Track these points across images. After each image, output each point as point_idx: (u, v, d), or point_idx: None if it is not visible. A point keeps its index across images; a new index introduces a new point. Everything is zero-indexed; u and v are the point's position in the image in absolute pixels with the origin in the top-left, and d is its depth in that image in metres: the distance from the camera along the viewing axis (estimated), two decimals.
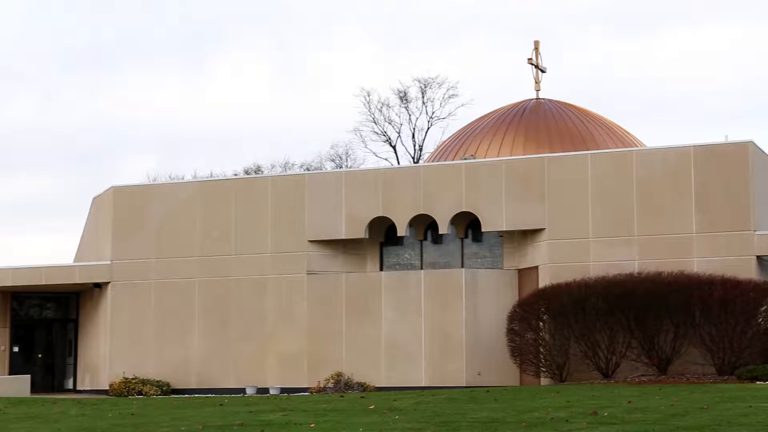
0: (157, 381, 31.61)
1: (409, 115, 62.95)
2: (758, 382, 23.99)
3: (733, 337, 25.83)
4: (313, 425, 16.63)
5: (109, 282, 33.37)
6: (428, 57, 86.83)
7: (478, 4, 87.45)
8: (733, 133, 75.29)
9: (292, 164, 68.51)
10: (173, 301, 32.73)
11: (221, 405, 22.32)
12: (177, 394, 30.80)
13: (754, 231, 27.77)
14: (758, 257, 27.89)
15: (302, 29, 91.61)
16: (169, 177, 69.44)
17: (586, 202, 29.28)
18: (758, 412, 16.18)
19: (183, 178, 65.49)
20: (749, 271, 27.33)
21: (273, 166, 68.86)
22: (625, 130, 38.18)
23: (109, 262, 33.42)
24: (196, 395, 29.50)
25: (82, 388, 34.47)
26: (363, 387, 28.92)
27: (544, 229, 29.65)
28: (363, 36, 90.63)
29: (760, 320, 26.04)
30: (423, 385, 29.38)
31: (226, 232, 32.51)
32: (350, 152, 66.18)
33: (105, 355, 33.27)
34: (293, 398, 24.48)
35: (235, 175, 59.96)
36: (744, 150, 28.27)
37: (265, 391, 30.62)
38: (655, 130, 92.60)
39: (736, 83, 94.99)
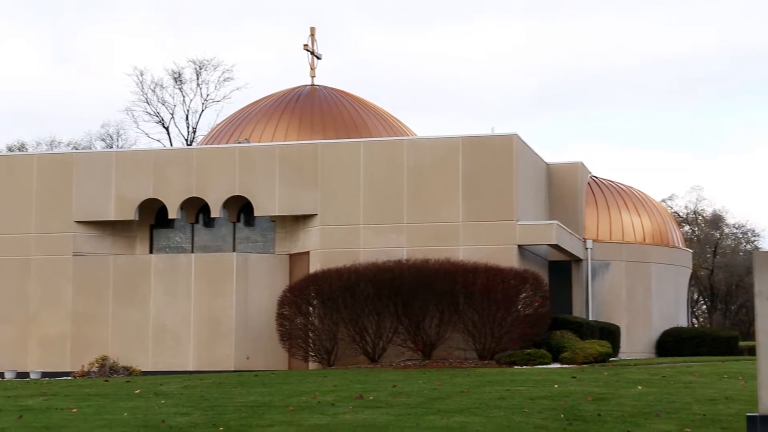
0: None
1: (183, 97, 62.08)
2: (516, 367, 24.97)
3: (494, 323, 26.75)
4: (75, 410, 16.21)
5: None
6: (204, 39, 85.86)
7: None
8: (499, 125, 77.99)
9: (59, 143, 66.39)
10: None
11: None
12: None
13: (517, 221, 28.86)
14: (519, 246, 29.01)
15: (75, 4, 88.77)
16: None
17: (357, 189, 29.67)
18: (514, 395, 16.85)
19: None
20: (511, 260, 28.39)
21: (39, 144, 66.52)
22: (398, 120, 38.90)
23: None
24: None
25: None
26: (129, 371, 28.37)
27: (317, 214, 29.88)
28: (138, 14, 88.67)
29: (519, 307, 27.08)
30: (191, 369, 29.10)
31: None
32: (122, 132, 64.74)
33: None
34: (55, 383, 23.76)
35: None
36: (509, 142, 29.31)
37: (26, 375, 29.59)
38: (426, 120, 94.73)
39: (505, 78, 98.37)
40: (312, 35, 39.69)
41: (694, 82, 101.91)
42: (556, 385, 18.46)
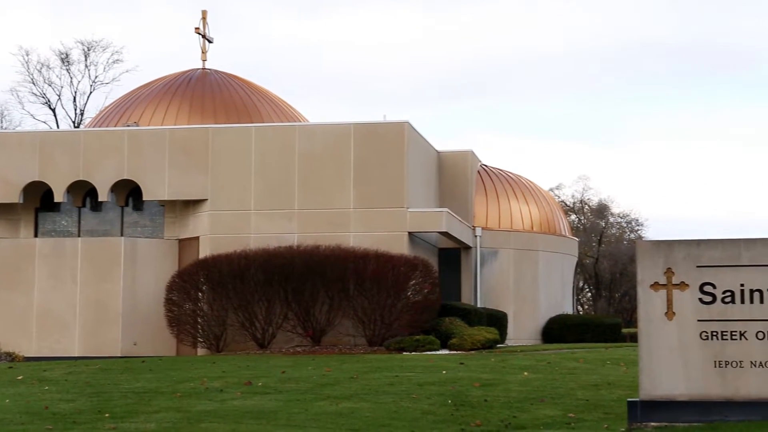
0: None
1: (71, 78, 60.82)
2: (405, 353, 25.15)
3: (384, 310, 26.89)
4: None
5: None
6: (93, 19, 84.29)
7: None
8: (392, 113, 78.35)
9: None
10: None
11: None
12: None
13: (407, 208, 29.04)
14: (410, 233, 29.21)
15: None
16: None
17: (249, 175, 29.51)
18: (403, 381, 16.99)
19: None
20: (401, 247, 28.57)
21: None
22: (290, 105, 38.75)
23: None
24: None
25: None
26: (12, 357, 27.77)
27: (207, 199, 29.64)
28: None
29: (409, 294, 27.27)
30: (77, 355, 28.63)
31: None
32: (6, 113, 63.14)
33: None
34: None
35: None
36: (400, 130, 29.46)
37: None
38: (319, 107, 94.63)
39: (398, 67, 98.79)
40: (204, 18, 39.27)
41: (584, 74, 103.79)
42: (444, 371, 18.65)
